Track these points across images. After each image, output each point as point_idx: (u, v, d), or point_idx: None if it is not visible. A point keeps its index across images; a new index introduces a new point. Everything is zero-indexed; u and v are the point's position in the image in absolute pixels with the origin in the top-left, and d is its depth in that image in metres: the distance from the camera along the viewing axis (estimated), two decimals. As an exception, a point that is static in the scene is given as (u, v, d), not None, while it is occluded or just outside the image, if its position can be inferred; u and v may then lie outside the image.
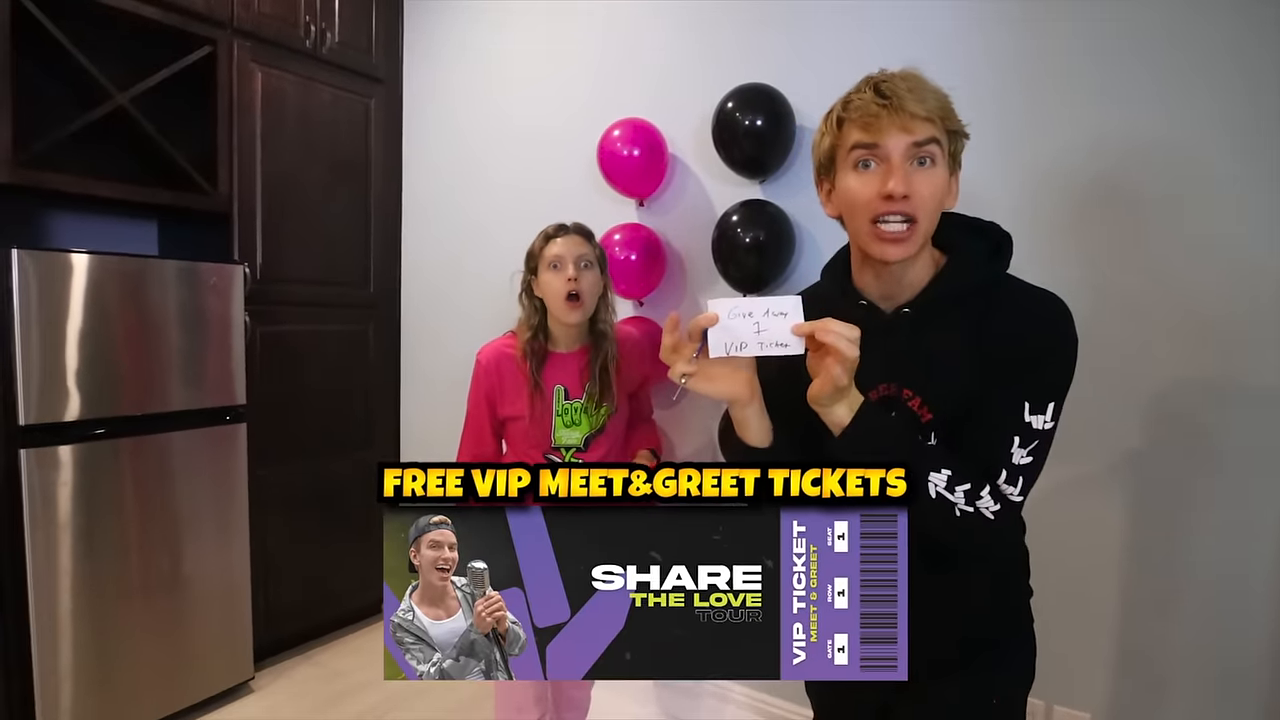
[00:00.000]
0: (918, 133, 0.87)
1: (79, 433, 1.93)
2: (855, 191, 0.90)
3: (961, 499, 0.88)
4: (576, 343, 1.65)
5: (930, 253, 0.96)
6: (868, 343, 0.91)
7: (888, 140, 0.87)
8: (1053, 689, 1.67)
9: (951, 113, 0.90)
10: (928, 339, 0.95)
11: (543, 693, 1.66)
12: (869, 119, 0.87)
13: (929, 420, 0.94)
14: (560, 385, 1.62)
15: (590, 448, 1.65)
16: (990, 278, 0.95)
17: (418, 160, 2.84)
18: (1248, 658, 1.49)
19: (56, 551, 1.89)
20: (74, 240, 2.28)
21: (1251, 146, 1.44)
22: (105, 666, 1.99)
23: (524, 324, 1.64)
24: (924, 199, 0.87)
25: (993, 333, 0.91)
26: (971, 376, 0.92)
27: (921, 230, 0.89)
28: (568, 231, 1.62)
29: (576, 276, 1.56)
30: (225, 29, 2.27)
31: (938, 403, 0.94)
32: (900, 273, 0.94)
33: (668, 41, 2.17)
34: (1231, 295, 1.47)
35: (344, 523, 2.73)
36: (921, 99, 0.86)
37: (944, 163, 0.90)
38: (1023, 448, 0.89)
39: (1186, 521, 1.54)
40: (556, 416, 1.62)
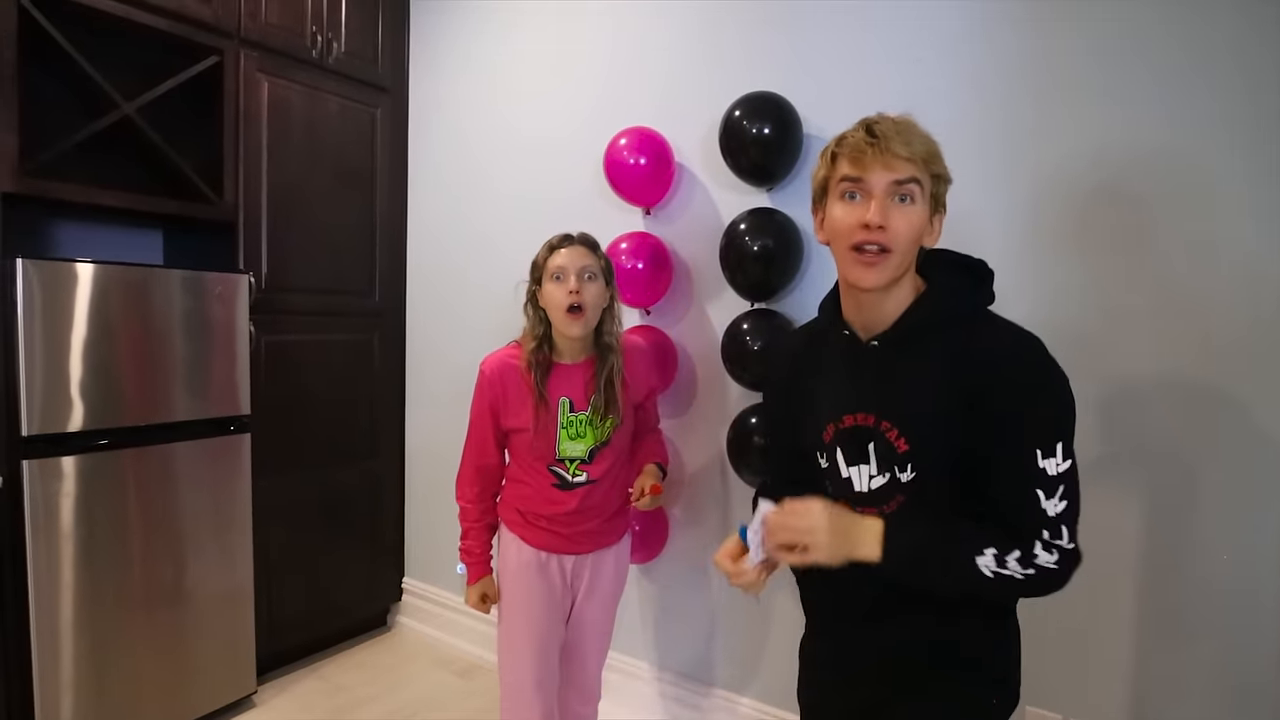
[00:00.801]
0: (899, 171, 0.93)
1: (82, 443, 1.91)
2: (839, 219, 0.97)
3: (1017, 567, 0.90)
4: (582, 354, 1.63)
5: (912, 284, 1.01)
6: (847, 372, 1.04)
7: (872, 176, 0.94)
8: (1067, 702, 1.66)
9: (937, 158, 0.97)
10: (903, 369, 0.99)
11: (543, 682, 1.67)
12: (857, 154, 0.94)
13: (905, 451, 0.97)
14: (565, 397, 1.60)
15: (595, 460, 1.63)
16: (967, 309, 0.99)
17: (423, 170, 2.84)
18: (1261, 670, 1.46)
19: (58, 563, 1.88)
20: (79, 250, 2.27)
21: (1253, 147, 1.43)
22: (107, 678, 1.97)
23: (528, 334, 1.62)
24: (899, 232, 0.94)
25: (974, 366, 0.93)
26: (948, 408, 0.94)
27: (894, 261, 0.95)
28: (572, 242, 1.60)
29: (579, 289, 1.54)
30: (232, 39, 2.27)
31: (913, 433, 0.97)
32: (879, 302, 1.00)
33: (673, 50, 2.17)
34: (1233, 300, 1.46)
35: (348, 533, 2.71)
36: (907, 142, 0.93)
37: (924, 202, 0.96)
38: (1050, 498, 0.91)
39: (1195, 530, 1.52)
40: (561, 429, 1.60)
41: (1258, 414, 1.45)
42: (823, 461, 1.08)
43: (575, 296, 1.53)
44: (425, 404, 2.88)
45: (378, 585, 2.85)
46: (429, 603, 2.86)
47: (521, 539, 1.67)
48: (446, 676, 2.56)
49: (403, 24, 2.80)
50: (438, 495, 2.83)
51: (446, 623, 2.79)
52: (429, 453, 2.87)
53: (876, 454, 1.00)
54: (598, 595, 1.73)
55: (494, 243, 2.61)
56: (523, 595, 1.66)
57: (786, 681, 2.00)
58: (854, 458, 1.03)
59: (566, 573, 1.70)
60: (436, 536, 2.84)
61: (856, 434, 1.02)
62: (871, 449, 1.01)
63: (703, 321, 2.14)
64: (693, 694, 2.19)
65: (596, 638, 1.77)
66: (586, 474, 1.62)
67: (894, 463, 0.98)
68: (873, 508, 1.01)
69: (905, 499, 0.99)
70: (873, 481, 1.01)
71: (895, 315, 1.00)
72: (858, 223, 0.94)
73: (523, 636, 1.66)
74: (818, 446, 1.08)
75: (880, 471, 1.00)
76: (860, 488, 1.03)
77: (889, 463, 0.99)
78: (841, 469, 1.05)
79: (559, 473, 1.62)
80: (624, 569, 1.81)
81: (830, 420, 1.05)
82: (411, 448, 2.93)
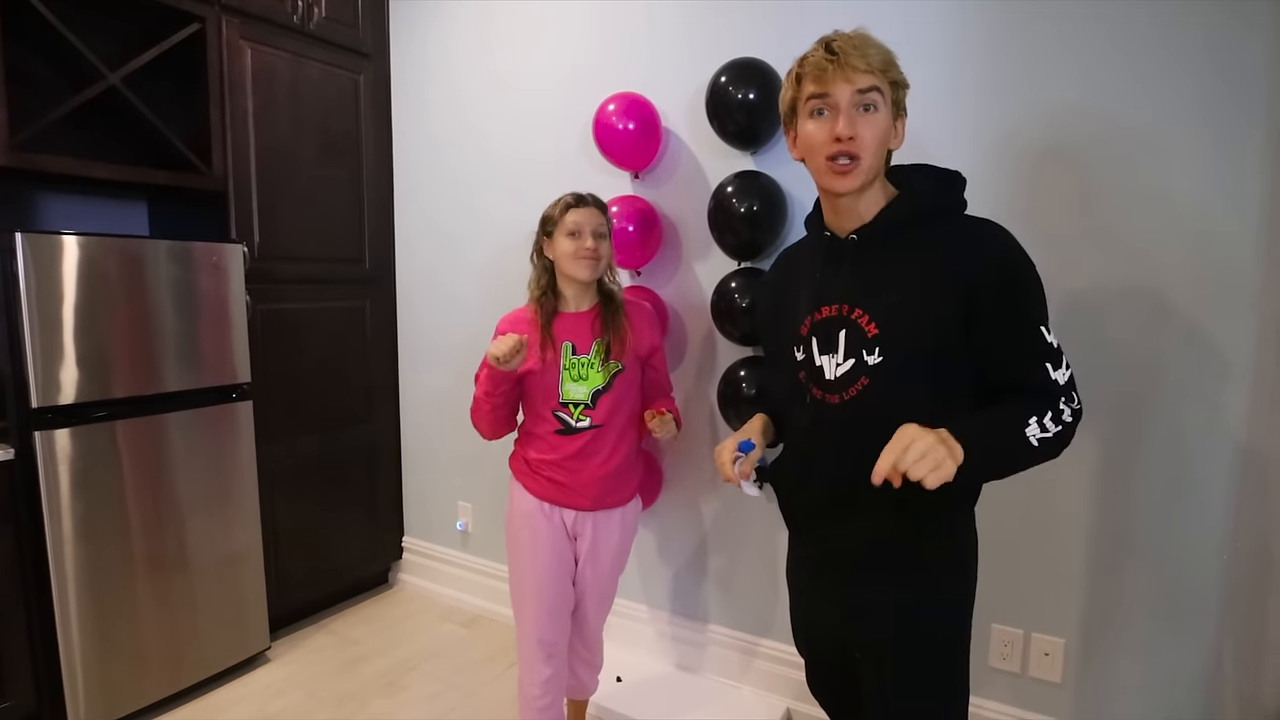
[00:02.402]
0: (860, 82, 1.02)
1: (91, 414, 1.96)
2: (811, 135, 1.06)
3: (1051, 425, 1.00)
4: (586, 302, 1.73)
5: (884, 189, 1.11)
6: (827, 266, 1.13)
7: (835, 90, 1.02)
8: (1030, 618, 1.83)
9: (893, 65, 1.05)
10: (879, 260, 1.08)
11: (552, 650, 1.74)
12: (819, 72, 1.03)
13: (874, 334, 1.06)
14: (569, 341, 1.69)
15: (598, 405, 1.69)
16: (939, 207, 1.08)
17: (408, 136, 2.85)
18: (1202, 584, 1.64)
19: (76, 532, 1.93)
20: (64, 223, 2.27)
21: (1194, 110, 1.55)
22: (129, 641, 2.05)
23: (534, 282, 1.74)
24: (867, 140, 1.03)
25: (959, 267, 1.01)
26: (923, 297, 1.03)
27: (864, 165, 1.04)
28: (587, 204, 1.71)
29: (594, 245, 1.66)
30: (213, 6, 2.25)
31: (884, 319, 1.05)
32: (853, 204, 1.09)
33: (659, 16, 2.21)
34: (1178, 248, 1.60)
35: (349, 495, 2.79)
36: (864, 54, 1.01)
37: (886, 108, 1.05)
38: (1057, 368, 1.02)
39: (1144, 459, 1.67)
40: (564, 370, 1.68)
41: (1198, 349, 1.61)
42: (799, 354, 1.15)
43: (590, 253, 1.66)
44: (417, 367, 2.95)
45: (379, 544, 2.95)
46: (429, 559, 2.97)
47: (525, 488, 1.74)
48: (452, 627, 2.69)
49: (381, -12, 2.78)
50: (433, 456, 2.92)
51: (448, 578, 2.91)
52: (423, 415, 2.94)
53: (846, 340, 1.08)
54: (600, 559, 1.76)
55: (481, 207, 2.66)
56: (528, 538, 1.71)
57: (776, 614, 2.17)
58: (825, 346, 1.11)
59: (568, 528, 1.74)
60: (433, 495, 2.94)
61: (829, 324, 1.10)
62: (842, 336, 1.08)
63: (692, 281, 2.24)
64: (689, 631, 2.35)
65: (597, 600, 1.82)
66: (590, 419, 1.68)
67: (862, 346, 1.06)
68: (835, 394, 1.10)
69: (869, 381, 1.06)
70: (839, 369, 1.09)
71: (869, 214, 1.09)
72: (828, 137, 1.03)
73: (528, 583, 1.72)
74: (795, 341, 1.16)
75: (847, 357, 1.08)
76: (829, 375, 1.10)
77: (857, 347, 1.07)
78: (815, 358, 1.12)
79: (563, 418, 1.69)
80: (629, 535, 1.82)
81: (808, 313, 1.13)
82: (406, 410, 3.00)
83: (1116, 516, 1.72)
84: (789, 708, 2.14)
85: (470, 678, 2.36)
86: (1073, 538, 1.77)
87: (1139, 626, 1.72)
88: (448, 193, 2.76)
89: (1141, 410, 1.67)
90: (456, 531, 2.88)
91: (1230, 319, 1.57)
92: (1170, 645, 1.68)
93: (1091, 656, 1.78)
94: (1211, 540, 1.63)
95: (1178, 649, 1.67)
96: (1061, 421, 1.01)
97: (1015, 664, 1.86)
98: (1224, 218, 1.56)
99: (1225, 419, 1.60)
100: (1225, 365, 1.59)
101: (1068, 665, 1.81)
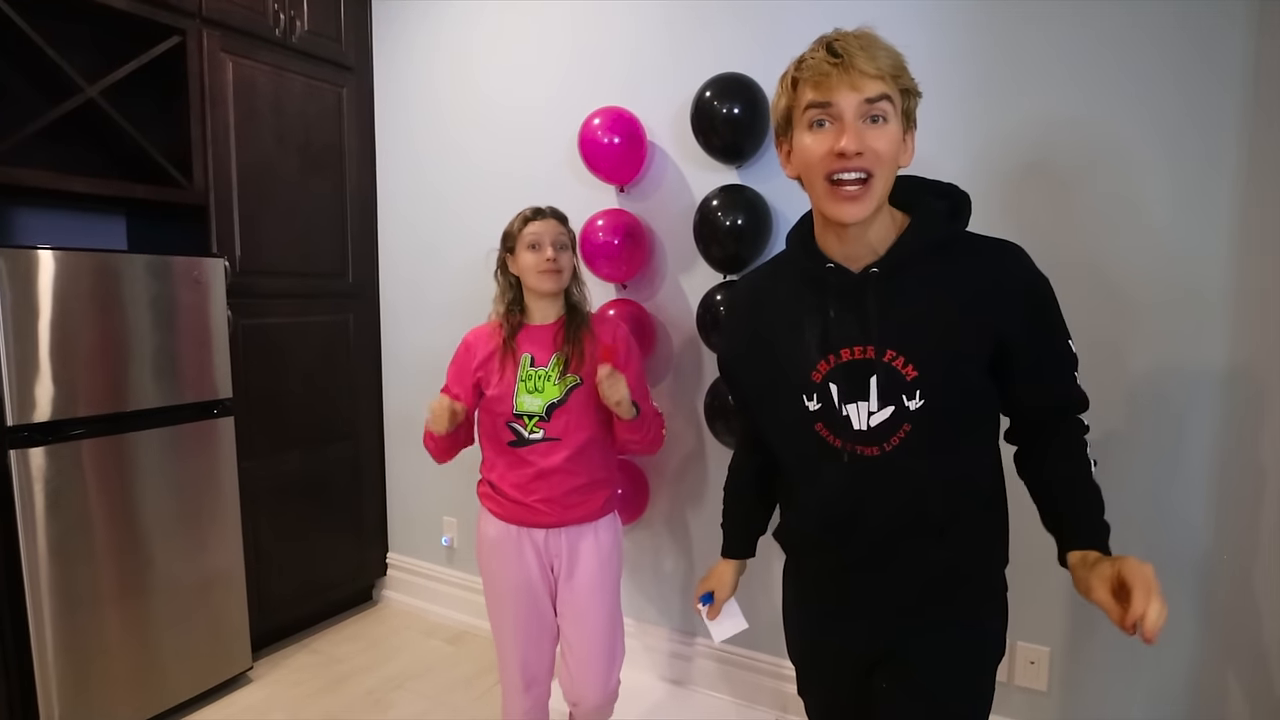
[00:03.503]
0: (868, 90, 0.87)
1: (69, 431, 1.92)
2: (810, 149, 0.91)
3: (1089, 451, 1.02)
4: (552, 315, 1.70)
5: (890, 213, 0.98)
6: (839, 304, 0.97)
7: (839, 98, 0.88)
8: (1015, 627, 1.83)
9: (904, 71, 0.91)
10: (902, 297, 0.95)
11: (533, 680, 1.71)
12: (820, 78, 0.88)
13: (914, 378, 0.94)
14: (528, 353, 1.65)
15: (552, 418, 1.62)
16: (951, 235, 0.97)
17: (391, 150, 2.84)
18: (1184, 592, 1.67)
19: (52, 552, 1.89)
20: (41, 237, 2.24)
21: (1168, 124, 1.60)
22: (106, 663, 2.00)
23: (499, 298, 1.72)
24: (878, 154, 0.88)
25: (984, 293, 0.94)
26: (954, 330, 0.93)
27: (876, 188, 0.90)
28: (545, 216, 1.69)
29: (555, 256, 1.64)
30: (194, 18, 2.24)
31: (923, 360, 0.94)
32: (861, 233, 0.95)
33: (643, 31, 2.23)
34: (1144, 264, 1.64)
35: (332, 511, 2.76)
36: (873, 57, 0.87)
37: (897, 120, 0.90)
38: (1076, 372, 1.01)
39: (1121, 466, 1.70)
40: (519, 382, 1.64)
41: (1176, 356, 1.64)
42: (811, 404, 1.00)
43: (552, 264, 1.64)
44: (401, 381, 2.92)
45: (363, 561, 2.91)
46: (414, 575, 2.94)
47: (491, 513, 1.70)
48: (437, 644, 2.66)
49: (364, 2, 2.77)
50: (417, 471, 2.90)
51: (432, 594, 2.88)
52: (407, 429, 2.92)
53: (879, 386, 0.95)
54: (576, 578, 1.68)
55: (465, 221, 2.65)
56: (498, 566, 1.67)
57: (764, 627, 2.17)
58: (851, 394, 0.97)
59: (541, 550, 1.67)
60: (418, 511, 2.91)
61: (855, 368, 0.96)
62: (874, 382, 0.95)
63: (677, 294, 2.25)
64: (677, 644, 2.34)
65: (574, 621, 1.68)
66: (543, 431, 1.62)
67: (901, 392, 0.94)
68: (873, 446, 0.97)
69: (911, 428, 0.95)
70: (873, 418, 0.96)
71: (878, 243, 0.96)
72: (829, 151, 0.89)
73: (504, 611, 1.68)
74: (804, 389, 1.00)
75: (883, 405, 0.95)
76: (859, 425, 0.97)
77: (895, 393, 0.94)
78: (839, 407, 0.98)
79: (516, 429, 1.64)
80: (609, 555, 1.72)
81: (822, 356, 0.98)
82: (390, 425, 2.97)
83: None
84: (778, 719, 2.14)
85: (457, 695, 2.33)
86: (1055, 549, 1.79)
87: (1123, 634, 1.73)
88: (432, 206, 2.75)
89: (1120, 424, 1.70)
90: (441, 547, 2.85)
91: (1203, 329, 1.61)
92: (1154, 652, 1.69)
93: (1076, 664, 1.80)
94: (1192, 549, 1.66)
95: (1161, 656, 1.69)
96: (1085, 431, 1.02)
97: (1002, 673, 1.86)
98: (1195, 232, 1.60)
99: (1203, 429, 1.63)
100: (1199, 377, 1.62)
101: (1053, 673, 1.82)
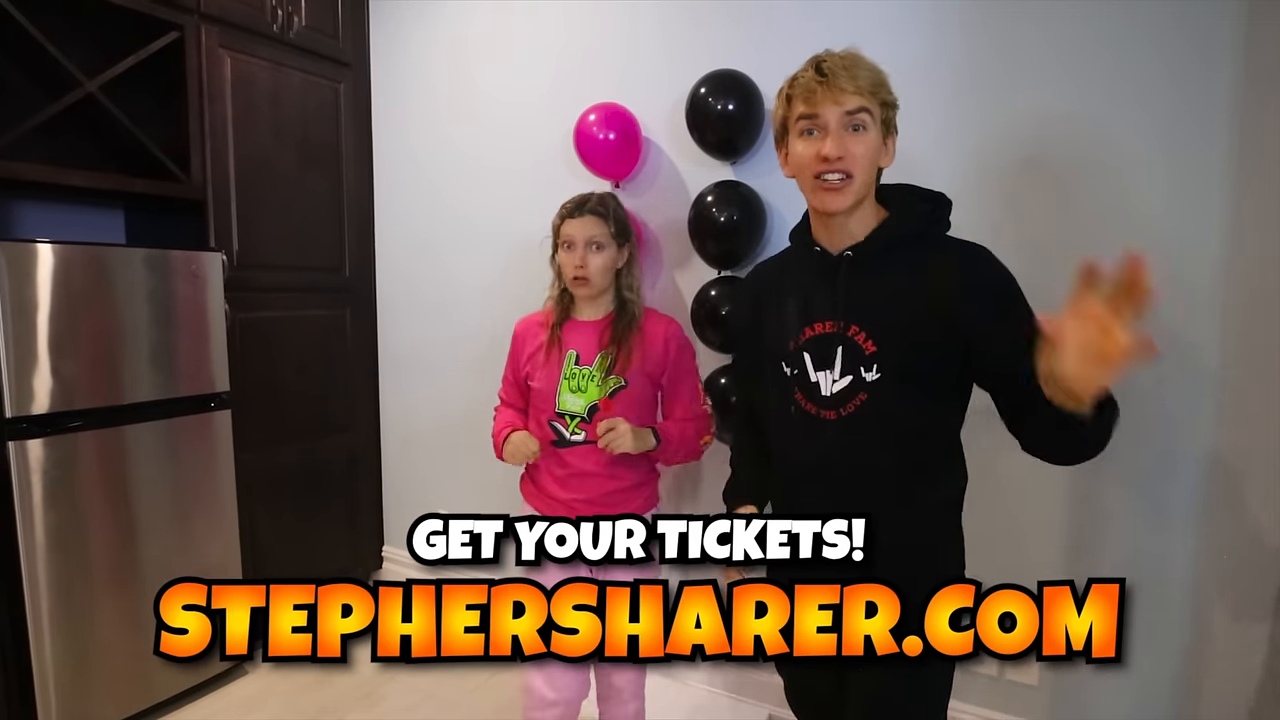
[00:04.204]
0: (849, 104, 1.04)
1: (67, 423, 1.93)
2: (801, 154, 1.08)
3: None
4: (599, 311, 1.64)
5: (875, 209, 1.12)
6: (818, 282, 1.13)
7: (824, 111, 1.04)
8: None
9: (883, 86, 1.06)
10: (872, 279, 1.09)
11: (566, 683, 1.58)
12: (808, 93, 1.05)
13: (873, 352, 1.08)
14: (573, 350, 1.60)
15: (595, 420, 1.56)
16: (926, 228, 1.11)
17: (388, 145, 2.85)
18: (1173, 588, 1.68)
19: (49, 543, 1.90)
20: (40, 231, 2.24)
21: (1161, 118, 1.61)
22: (103, 654, 2.01)
23: (551, 286, 1.69)
24: (857, 158, 1.04)
25: (951, 287, 1.04)
26: (915, 314, 1.06)
27: (856, 183, 1.05)
28: (582, 212, 1.59)
29: (584, 262, 1.56)
30: (192, 14, 2.25)
31: (881, 336, 1.07)
32: (844, 222, 1.10)
33: (638, 27, 2.24)
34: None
35: (328, 504, 2.77)
36: (854, 76, 1.03)
37: (875, 128, 1.06)
38: None
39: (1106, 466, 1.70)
40: (563, 379, 1.59)
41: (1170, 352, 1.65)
42: (789, 370, 1.15)
43: (580, 270, 1.56)
44: (398, 375, 2.94)
45: (359, 554, 2.93)
46: (410, 568, 2.95)
47: (533, 508, 1.68)
48: (432, 637, 2.67)
49: (362, -2, 2.79)
50: (413, 464, 2.91)
51: (429, 587, 2.89)
52: (403, 423, 2.93)
53: (843, 357, 1.09)
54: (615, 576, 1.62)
55: (462, 215, 2.67)
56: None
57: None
58: (821, 363, 1.12)
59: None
60: (414, 504, 2.92)
61: (824, 340, 1.11)
62: (839, 352, 1.09)
63: (672, 289, 2.26)
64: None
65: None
66: (585, 434, 1.58)
67: (860, 363, 1.08)
68: (833, 410, 1.11)
69: (867, 397, 1.08)
70: (835, 385, 1.10)
71: (861, 232, 1.10)
72: (816, 155, 1.05)
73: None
74: (784, 357, 1.16)
75: (844, 374, 1.09)
76: (826, 391, 1.12)
77: (855, 364, 1.08)
78: (810, 374, 1.13)
79: (558, 428, 1.60)
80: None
81: (799, 329, 1.14)
82: (386, 418, 2.99)
83: (1088, 521, 1.76)
84: (770, 714, 2.15)
85: (450, 687, 2.34)
86: (1046, 541, 1.80)
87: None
88: (428, 201, 2.76)
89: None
90: (438, 541, 2.86)
91: (1196, 327, 1.62)
92: (1144, 647, 1.71)
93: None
94: (1181, 545, 1.67)
95: (1151, 650, 1.71)
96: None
97: (992, 667, 1.88)
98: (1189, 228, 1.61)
99: (1192, 427, 1.64)
100: (1191, 375, 1.63)
101: (1044, 667, 1.83)
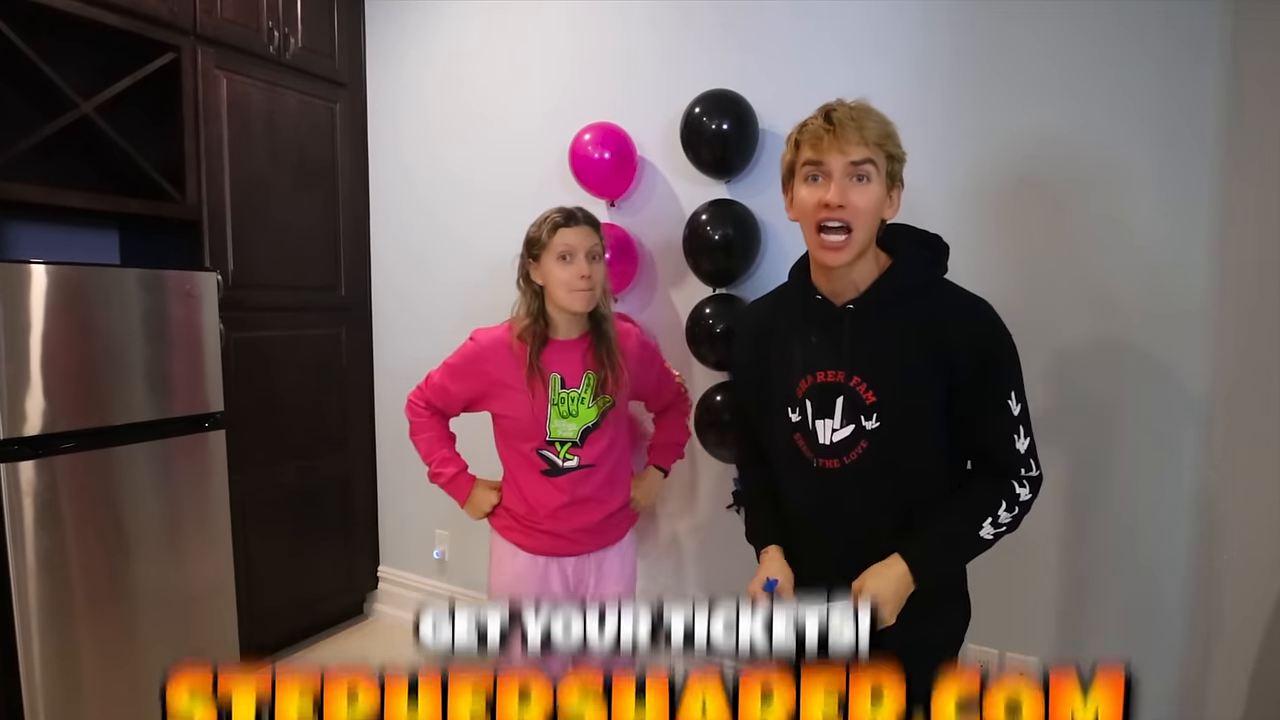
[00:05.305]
0: (854, 154, 1.05)
1: (59, 445, 1.91)
2: (804, 199, 1.09)
3: (1006, 517, 1.08)
4: (576, 330, 1.56)
5: (876, 256, 1.14)
6: (820, 331, 1.15)
7: (829, 159, 1.06)
8: (1004, 638, 1.86)
9: (890, 139, 1.08)
10: (873, 331, 1.11)
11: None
12: (815, 140, 1.06)
13: (873, 402, 1.10)
14: (557, 373, 1.52)
15: (586, 443, 1.54)
16: (928, 280, 1.13)
17: (384, 165, 2.86)
18: (1169, 603, 1.69)
19: (40, 566, 1.88)
20: (34, 251, 2.23)
21: (1160, 139, 1.63)
22: (94, 678, 1.98)
23: (522, 310, 1.56)
24: (859, 208, 1.06)
25: (942, 330, 1.07)
26: (914, 365, 1.08)
27: (856, 239, 1.07)
28: (578, 222, 1.51)
29: (589, 273, 1.48)
30: (188, 35, 2.26)
31: (881, 387, 1.10)
32: (845, 273, 1.12)
33: (633, 47, 2.26)
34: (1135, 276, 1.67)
35: (324, 524, 2.75)
36: (861, 127, 1.04)
37: (880, 180, 1.07)
38: (1021, 437, 1.08)
39: (1113, 476, 1.72)
40: (551, 406, 1.51)
41: (1150, 371, 1.66)
42: (794, 415, 1.17)
43: (587, 281, 1.48)
44: (393, 395, 2.91)
45: (354, 574, 2.90)
46: (406, 589, 2.93)
47: (518, 546, 1.59)
48: (428, 657, 2.64)
49: (358, 19, 2.80)
50: (409, 483, 2.89)
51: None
52: (399, 442, 2.90)
53: (844, 407, 1.11)
54: (606, 594, 1.61)
55: (457, 235, 2.67)
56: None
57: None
58: (820, 411, 1.14)
59: (569, 579, 1.60)
60: (410, 523, 2.90)
61: (826, 389, 1.13)
62: (840, 402, 1.12)
63: (667, 307, 2.26)
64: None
65: None
66: (578, 458, 1.54)
67: (861, 413, 1.10)
68: (834, 459, 1.14)
69: (868, 446, 1.11)
70: (835, 434, 1.13)
71: (862, 283, 1.12)
72: (819, 202, 1.06)
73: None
74: (790, 401, 1.18)
75: (845, 424, 1.12)
76: (824, 440, 1.14)
77: (855, 413, 1.10)
78: (810, 421, 1.15)
79: (549, 457, 1.54)
80: (629, 571, 1.69)
81: (804, 375, 1.15)
82: (382, 438, 2.98)
83: (1085, 539, 1.76)
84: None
85: (447, 709, 2.31)
86: (1045, 561, 1.81)
87: (1110, 644, 1.75)
88: (423, 221, 2.77)
89: (1104, 439, 1.73)
90: (434, 560, 2.84)
91: (1187, 351, 1.64)
92: (1141, 661, 1.70)
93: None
94: (1174, 561, 1.67)
95: (1148, 665, 1.70)
96: (1017, 503, 1.09)
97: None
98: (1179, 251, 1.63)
99: (1182, 448, 1.66)
100: (1182, 397, 1.64)
101: (1042, 683, 1.82)
